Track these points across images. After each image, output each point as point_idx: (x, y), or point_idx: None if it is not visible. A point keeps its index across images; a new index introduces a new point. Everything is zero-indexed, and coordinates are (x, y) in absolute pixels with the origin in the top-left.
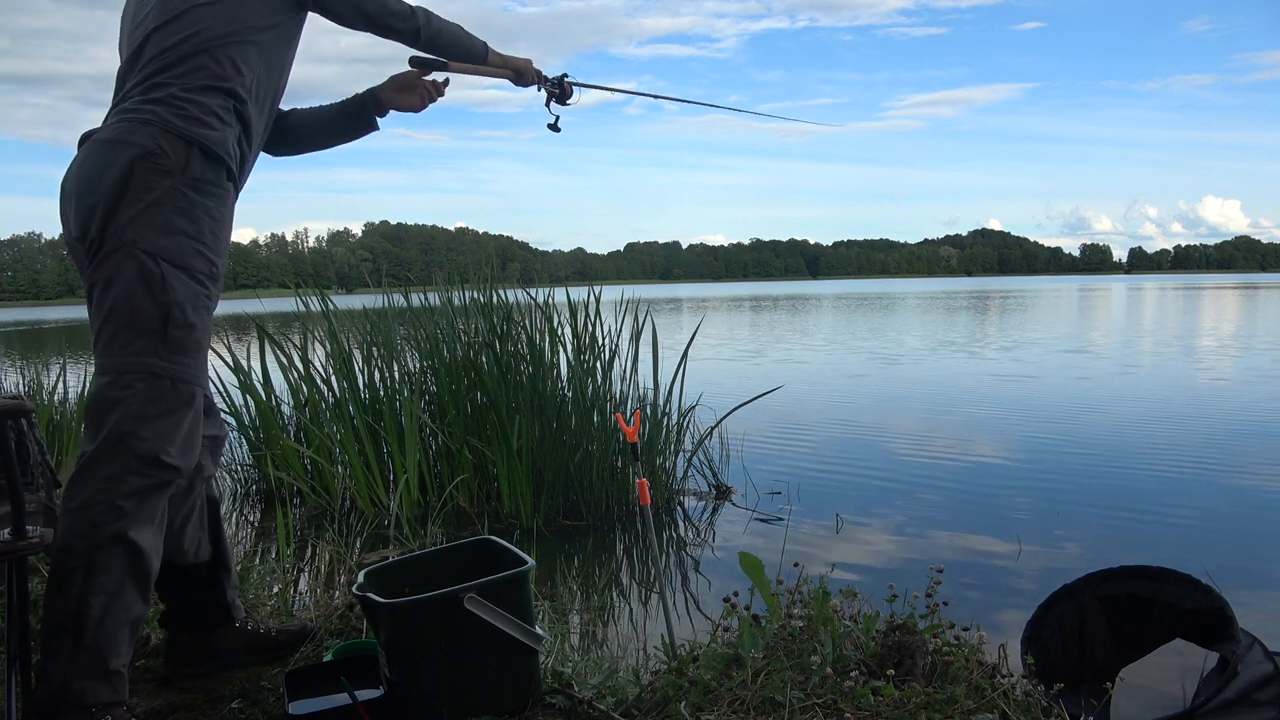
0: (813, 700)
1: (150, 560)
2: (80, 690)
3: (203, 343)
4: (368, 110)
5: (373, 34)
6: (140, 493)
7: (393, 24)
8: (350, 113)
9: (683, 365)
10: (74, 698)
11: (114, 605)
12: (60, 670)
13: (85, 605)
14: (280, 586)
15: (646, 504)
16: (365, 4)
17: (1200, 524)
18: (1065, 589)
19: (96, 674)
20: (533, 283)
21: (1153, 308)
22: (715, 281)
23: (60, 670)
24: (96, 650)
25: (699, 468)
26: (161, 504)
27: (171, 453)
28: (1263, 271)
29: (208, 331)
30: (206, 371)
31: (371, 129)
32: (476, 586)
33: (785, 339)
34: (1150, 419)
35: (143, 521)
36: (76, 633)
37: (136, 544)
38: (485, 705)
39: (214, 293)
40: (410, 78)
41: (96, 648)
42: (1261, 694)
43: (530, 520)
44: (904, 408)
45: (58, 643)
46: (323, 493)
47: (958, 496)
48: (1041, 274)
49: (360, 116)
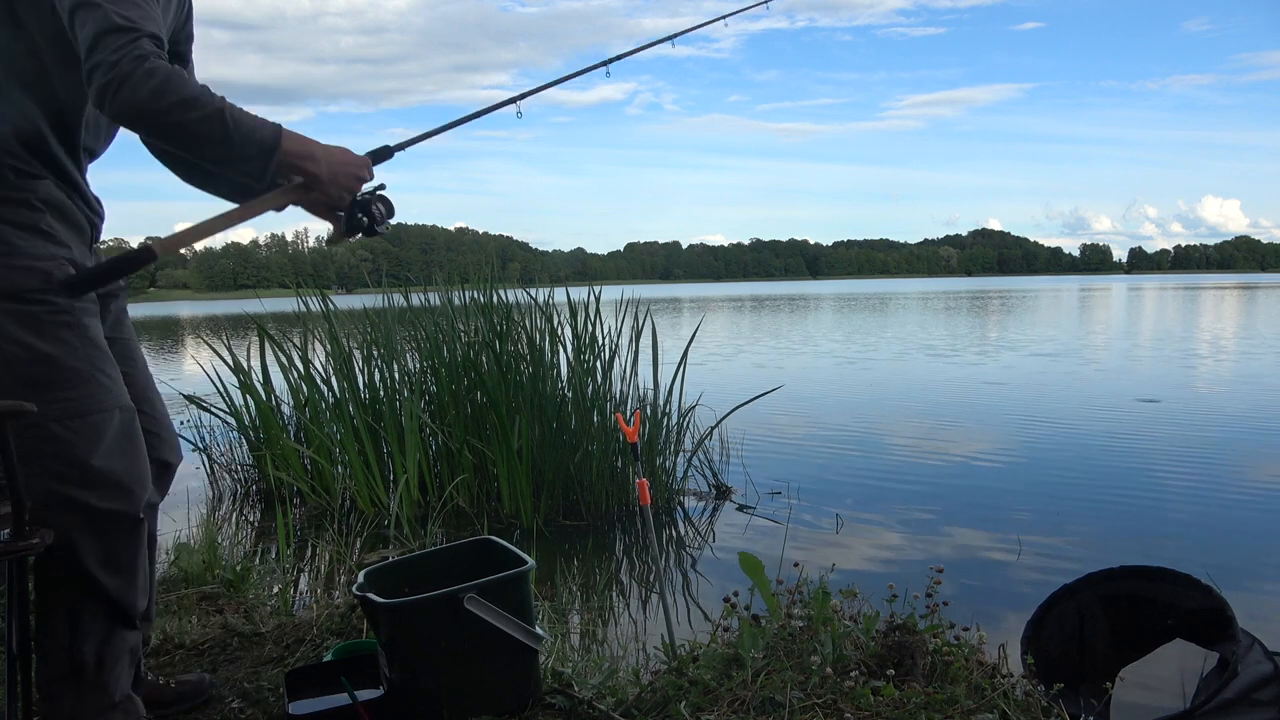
0: (813, 700)
1: (130, 595)
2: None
3: (81, 367)
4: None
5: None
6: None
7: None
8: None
9: (682, 365)
10: None
11: (109, 646)
12: (70, 706)
13: (80, 652)
14: (280, 586)
15: (646, 504)
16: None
17: (1200, 524)
18: (1065, 589)
19: (107, 709)
20: (533, 283)
21: (1153, 309)
22: (715, 281)
23: (70, 706)
24: (101, 690)
25: (699, 468)
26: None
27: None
28: (1263, 271)
29: (85, 347)
30: (121, 390)
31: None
32: (476, 586)
33: (785, 339)
34: (1151, 419)
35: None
36: (76, 680)
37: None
38: (485, 705)
39: (65, 305)
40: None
41: (101, 688)
42: (1261, 694)
43: (530, 520)
44: (904, 408)
45: (60, 689)
46: (323, 493)
47: (958, 496)
48: (1041, 274)
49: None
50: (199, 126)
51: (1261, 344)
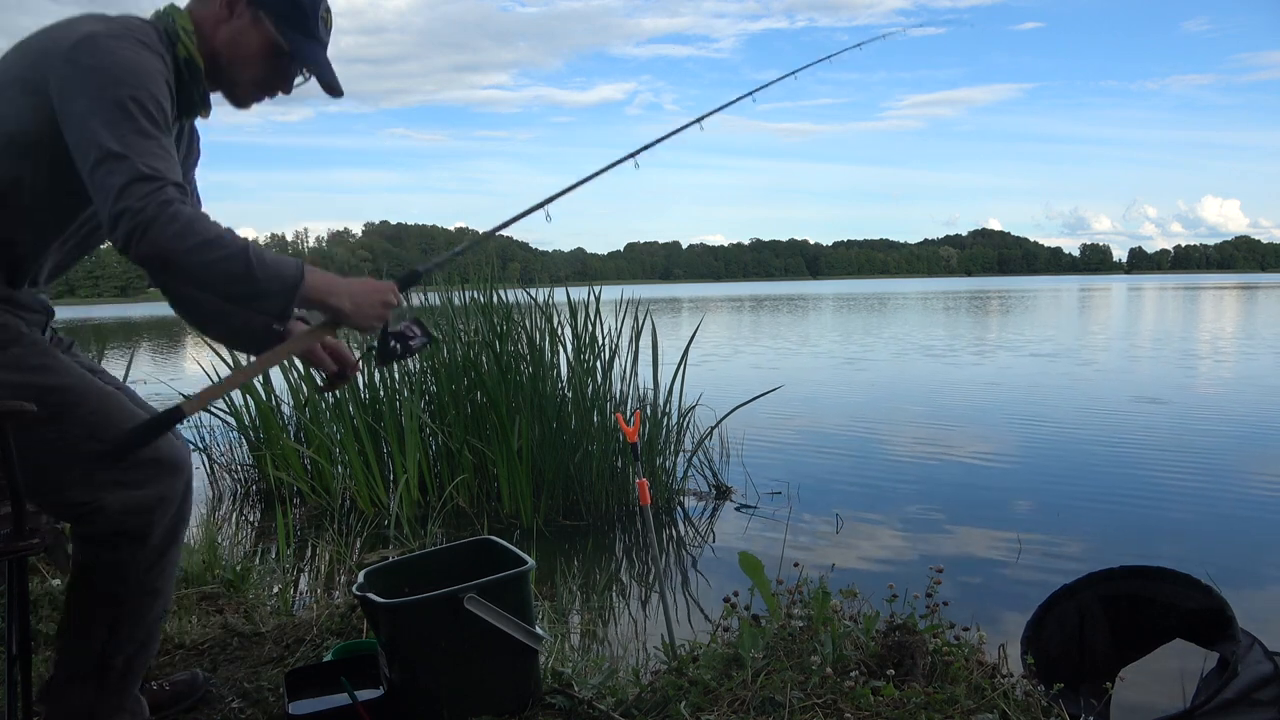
0: (813, 700)
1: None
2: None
3: (76, 384)
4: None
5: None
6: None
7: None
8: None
9: (682, 365)
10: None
11: (140, 654)
12: (87, 703)
13: (112, 658)
14: (280, 586)
15: (646, 504)
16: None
17: (1200, 524)
18: (1065, 589)
19: (121, 707)
20: (533, 283)
21: (1154, 309)
22: (715, 281)
23: (87, 703)
24: (122, 692)
25: (699, 468)
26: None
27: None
28: (1263, 271)
29: (71, 365)
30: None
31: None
32: (477, 586)
33: (785, 339)
34: (1151, 419)
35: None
36: (100, 679)
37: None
38: (485, 705)
39: (40, 340)
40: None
41: (121, 691)
42: (1261, 694)
43: (530, 520)
44: (904, 407)
45: (79, 687)
46: (323, 493)
47: (958, 496)
48: (1042, 274)
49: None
50: (223, 265)
51: (1261, 344)
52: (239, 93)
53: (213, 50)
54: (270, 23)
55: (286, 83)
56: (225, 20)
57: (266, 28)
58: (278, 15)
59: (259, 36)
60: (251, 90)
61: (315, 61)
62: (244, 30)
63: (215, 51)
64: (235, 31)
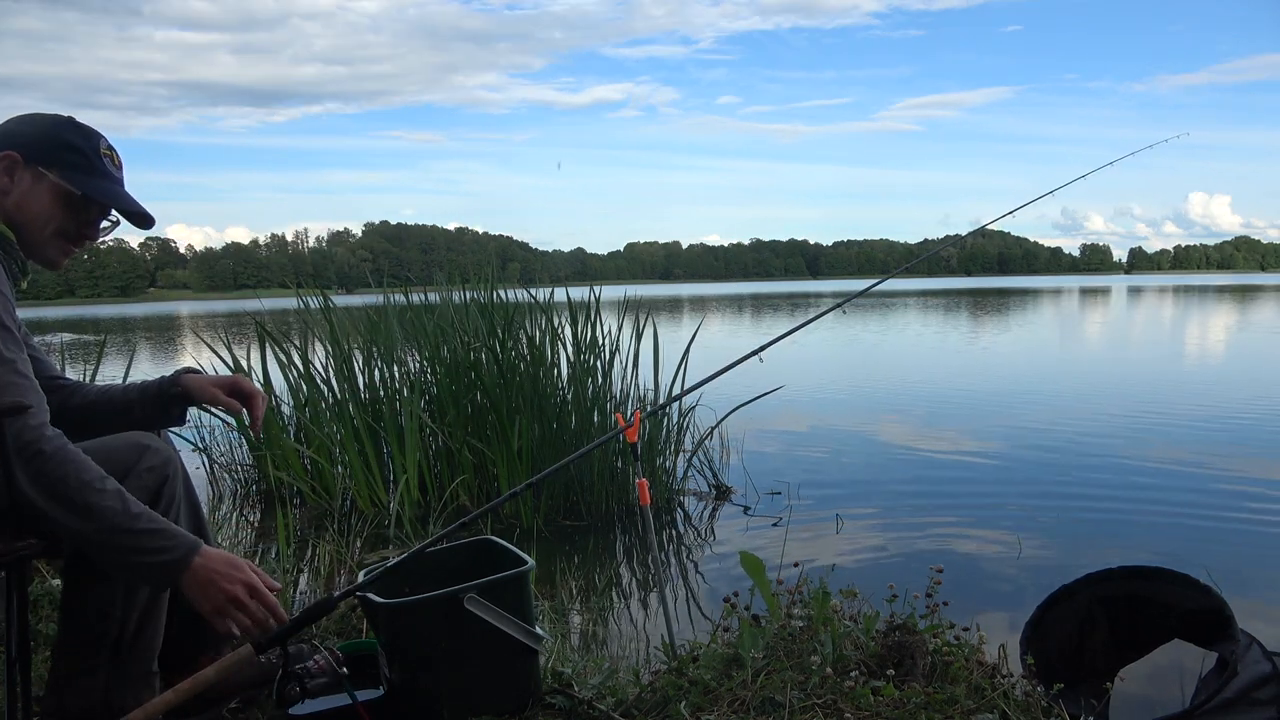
0: (813, 700)
1: None
2: (123, 701)
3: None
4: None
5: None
6: None
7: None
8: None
9: (683, 365)
10: (116, 708)
11: (150, 617)
12: (100, 686)
13: (125, 624)
14: (280, 586)
15: (646, 504)
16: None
17: (1199, 524)
18: (1065, 589)
19: (137, 681)
20: (533, 283)
21: (1154, 309)
22: (715, 281)
23: (100, 686)
24: (138, 661)
25: (699, 468)
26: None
27: None
28: (1262, 271)
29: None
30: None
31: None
32: (476, 587)
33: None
34: (1151, 419)
35: None
36: (114, 651)
37: None
38: (485, 705)
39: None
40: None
41: (138, 659)
42: (1260, 693)
43: (530, 520)
44: (904, 408)
45: (94, 661)
46: (323, 493)
47: (957, 496)
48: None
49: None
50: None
51: (1262, 344)
52: (50, 252)
53: (10, 220)
54: (55, 175)
55: (91, 227)
56: (8, 190)
57: (52, 180)
58: (60, 166)
59: (48, 190)
60: (58, 243)
61: (112, 196)
62: (30, 190)
63: (13, 220)
64: (21, 195)
